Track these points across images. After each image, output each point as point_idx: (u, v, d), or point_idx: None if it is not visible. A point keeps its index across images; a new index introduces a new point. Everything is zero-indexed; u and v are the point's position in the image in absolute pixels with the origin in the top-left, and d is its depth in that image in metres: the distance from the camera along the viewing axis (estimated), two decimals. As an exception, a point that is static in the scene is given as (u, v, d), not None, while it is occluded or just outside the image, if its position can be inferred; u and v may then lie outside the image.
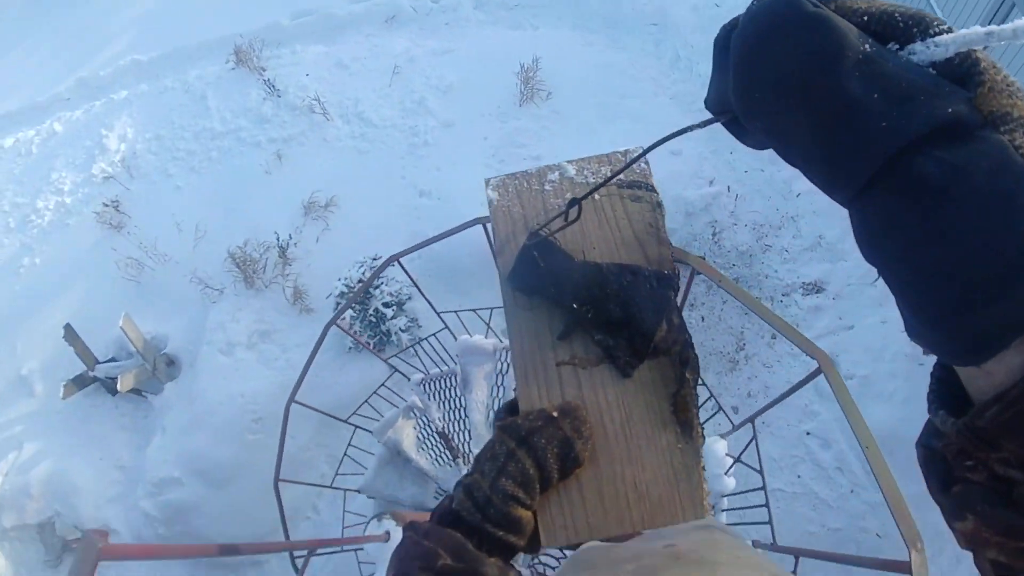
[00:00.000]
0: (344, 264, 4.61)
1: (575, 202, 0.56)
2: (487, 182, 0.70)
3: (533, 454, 0.52)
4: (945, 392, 0.37)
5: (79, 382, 5.00)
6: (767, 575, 0.62)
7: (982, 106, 0.30)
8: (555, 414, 0.54)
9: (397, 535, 2.35)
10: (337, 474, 3.25)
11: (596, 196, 0.64)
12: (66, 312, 5.33)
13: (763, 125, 0.37)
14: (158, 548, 2.25)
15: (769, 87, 0.34)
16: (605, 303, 0.57)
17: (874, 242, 0.33)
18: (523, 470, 0.52)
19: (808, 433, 3.82)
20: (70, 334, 4.94)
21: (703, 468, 0.55)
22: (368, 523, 2.54)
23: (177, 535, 4.58)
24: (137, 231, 5.33)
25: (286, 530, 2.73)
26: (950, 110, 0.30)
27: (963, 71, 0.31)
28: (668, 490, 0.54)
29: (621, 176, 0.64)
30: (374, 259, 4.47)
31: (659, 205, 0.64)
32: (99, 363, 4.98)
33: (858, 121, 0.31)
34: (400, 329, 4.36)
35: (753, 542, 2.19)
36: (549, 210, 0.64)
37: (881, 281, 0.42)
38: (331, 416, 3.13)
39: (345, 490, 3.16)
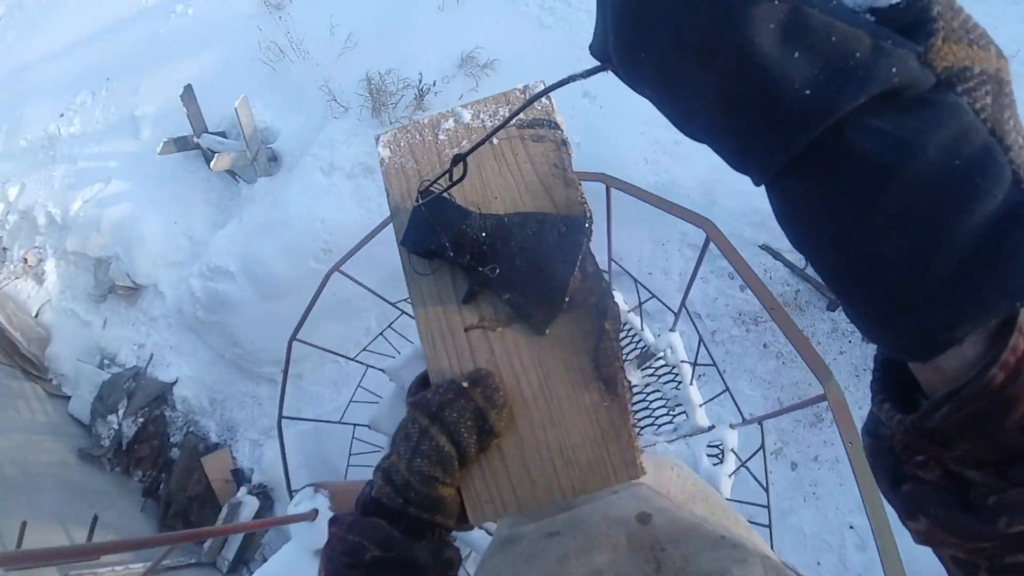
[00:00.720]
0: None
1: (459, 158, 0.49)
2: (377, 139, 0.67)
3: (446, 430, 0.49)
4: (890, 379, 0.33)
5: (180, 144, 4.89)
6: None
7: (935, 61, 0.24)
8: (465, 384, 0.51)
9: (326, 514, 2.16)
10: (346, 410, 3.02)
11: (494, 140, 0.59)
12: (194, 72, 5.18)
13: (652, 90, 0.28)
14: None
15: (659, 44, 0.26)
16: (511, 259, 0.53)
17: (800, 230, 0.28)
18: (438, 448, 0.49)
19: (851, 527, 3.33)
20: (188, 95, 4.78)
21: (633, 426, 0.51)
22: (301, 492, 2.29)
23: (212, 324, 4.47)
24: (291, 19, 5.04)
25: (285, 467, 2.67)
26: (894, 70, 0.23)
27: (911, 17, 0.24)
28: (597, 452, 0.51)
29: (521, 115, 0.60)
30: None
31: (564, 143, 0.60)
32: (207, 133, 4.82)
33: (775, 88, 0.24)
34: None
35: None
36: (444, 162, 0.60)
37: None
38: (338, 354, 2.95)
39: (355, 424, 2.97)
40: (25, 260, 5.36)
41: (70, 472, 4.44)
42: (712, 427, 1.96)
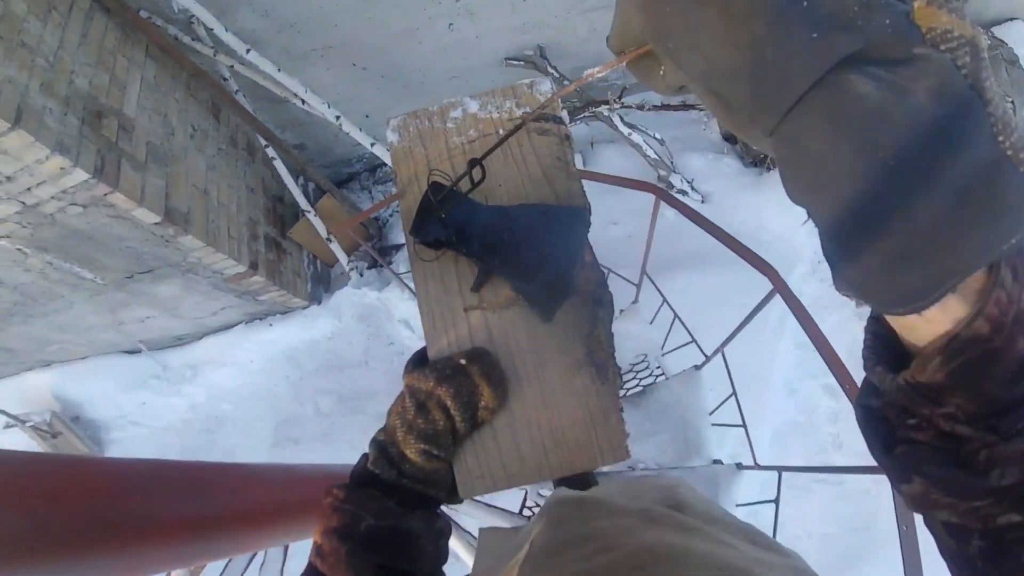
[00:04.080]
0: None
1: (475, 163, 0.52)
2: (388, 122, 0.68)
3: (442, 404, 0.51)
4: (880, 347, 0.34)
5: None
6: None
7: (921, 22, 0.27)
8: (463, 362, 0.52)
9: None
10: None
11: (499, 131, 0.61)
12: None
13: (677, 45, 0.31)
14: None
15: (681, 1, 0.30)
16: (516, 248, 0.54)
17: (802, 177, 0.30)
18: (433, 421, 0.51)
19: None
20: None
21: (620, 410, 0.53)
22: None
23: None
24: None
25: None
26: (887, 22, 0.26)
27: None
28: (586, 434, 0.53)
29: (528, 108, 0.62)
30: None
31: (567, 138, 0.61)
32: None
33: (785, 32, 0.27)
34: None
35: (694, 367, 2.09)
36: (451, 149, 0.62)
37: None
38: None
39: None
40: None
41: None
42: (719, 461, 1.89)
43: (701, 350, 2.11)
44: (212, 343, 3.74)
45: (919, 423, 0.31)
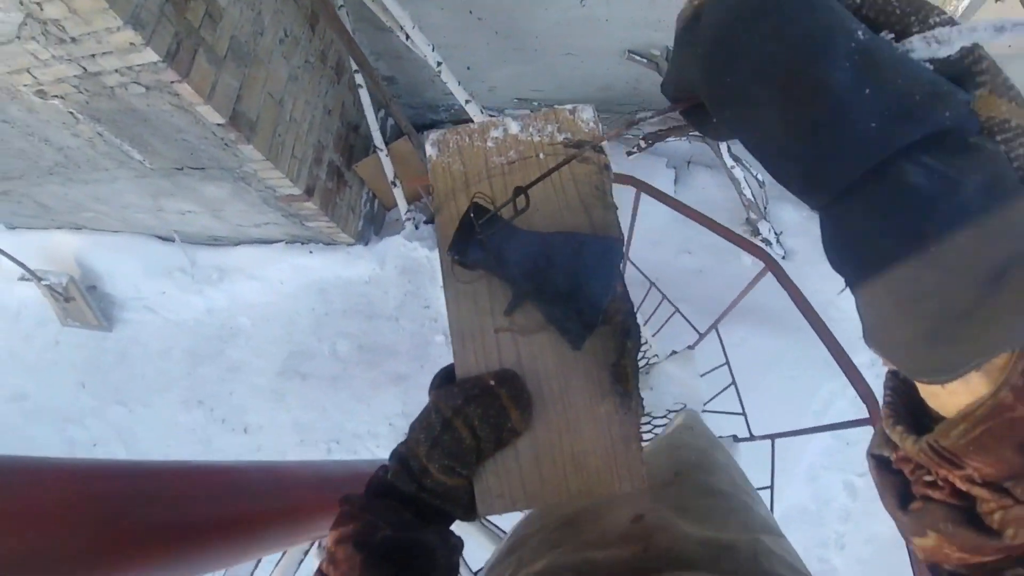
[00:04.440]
0: None
1: (520, 191, 0.53)
2: (426, 135, 0.71)
3: (469, 423, 0.51)
4: (900, 405, 0.36)
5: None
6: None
7: (980, 111, 0.28)
8: (492, 382, 0.53)
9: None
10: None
11: (540, 154, 0.63)
12: None
13: (733, 115, 0.32)
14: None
15: (746, 72, 0.30)
16: (552, 275, 0.56)
17: (846, 253, 0.31)
18: (459, 439, 0.51)
19: None
20: None
21: (641, 439, 0.55)
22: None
23: None
24: None
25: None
26: (947, 114, 0.26)
27: (963, 69, 0.28)
28: (606, 460, 0.54)
29: (569, 135, 0.64)
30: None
31: (606, 167, 0.62)
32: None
33: (846, 119, 0.27)
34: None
35: (733, 436, 2.10)
36: (491, 168, 0.62)
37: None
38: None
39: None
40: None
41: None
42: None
43: (748, 428, 2.04)
44: (248, 253, 3.63)
45: (935, 480, 0.33)
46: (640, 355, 2.06)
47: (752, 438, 1.98)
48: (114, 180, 3.24)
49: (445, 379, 0.58)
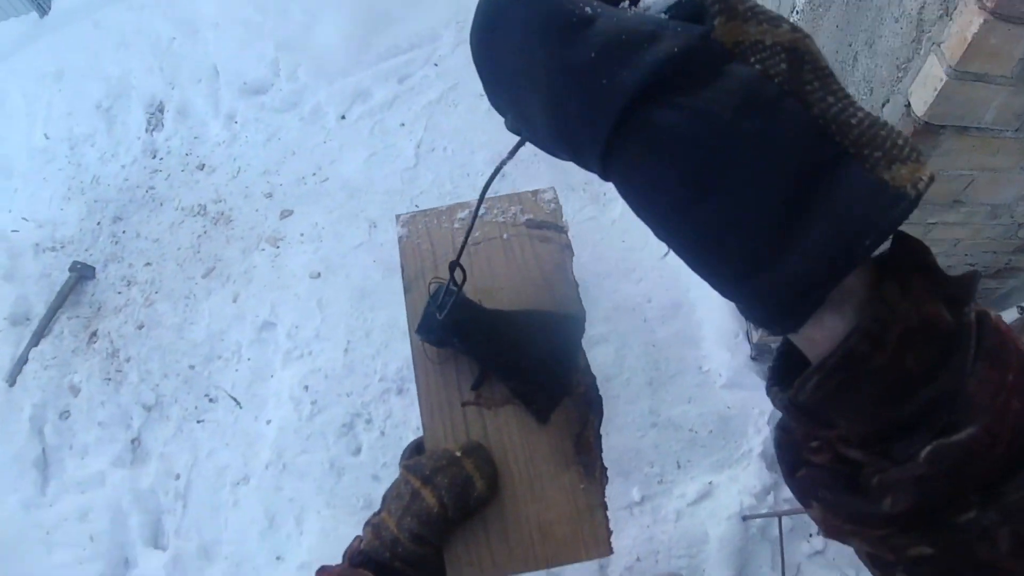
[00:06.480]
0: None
1: (455, 265, 0.54)
2: (397, 218, 0.69)
3: (437, 493, 0.53)
4: (782, 366, 0.34)
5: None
6: None
7: (726, 38, 0.27)
8: (459, 454, 0.55)
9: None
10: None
11: (504, 235, 0.63)
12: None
13: (513, 116, 0.35)
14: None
15: (503, 74, 0.33)
16: (516, 351, 0.57)
17: (643, 208, 0.30)
18: (427, 509, 0.53)
19: None
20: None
21: (606, 508, 0.55)
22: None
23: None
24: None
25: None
26: (676, 49, 0.26)
27: (695, 7, 0.28)
28: (572, 528, 0.55)
29: (532, 216, 0.65)
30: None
31: (567, 247, 0.63)
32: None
33: (580, 85, 0.28)
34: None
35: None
36: (457, 247, 0.59)
37: None
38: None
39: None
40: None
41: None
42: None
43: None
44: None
45: (820, 446, 0.30)
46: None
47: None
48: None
49: (415, 451, 0.61)
